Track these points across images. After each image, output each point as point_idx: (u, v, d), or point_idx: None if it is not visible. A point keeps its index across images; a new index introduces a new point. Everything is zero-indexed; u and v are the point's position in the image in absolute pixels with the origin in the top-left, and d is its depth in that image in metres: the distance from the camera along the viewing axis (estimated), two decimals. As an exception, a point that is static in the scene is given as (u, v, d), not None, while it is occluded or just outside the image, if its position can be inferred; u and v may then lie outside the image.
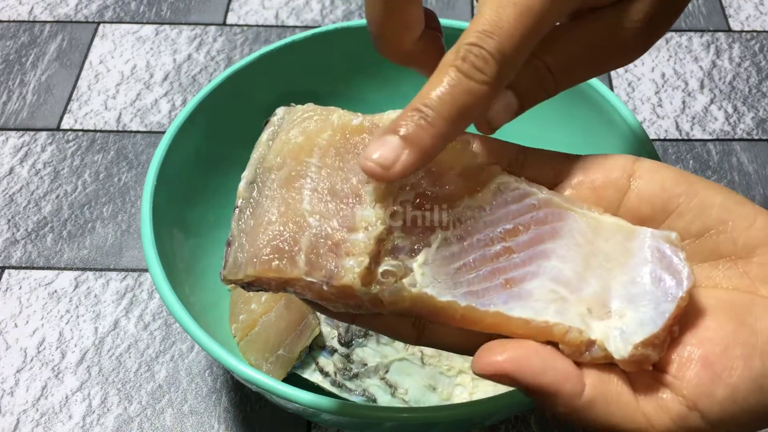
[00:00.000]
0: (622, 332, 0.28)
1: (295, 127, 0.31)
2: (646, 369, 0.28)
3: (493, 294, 0.30)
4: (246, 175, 0.31)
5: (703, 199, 0.29)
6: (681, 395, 0.27)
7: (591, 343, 0.29)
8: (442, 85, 0.28)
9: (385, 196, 0.30)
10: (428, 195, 0.31)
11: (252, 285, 0.30)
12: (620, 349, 0.28)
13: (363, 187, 0.30)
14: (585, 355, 0.29)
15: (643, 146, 0.49)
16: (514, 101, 0.32)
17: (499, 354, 0.28)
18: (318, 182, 0.30)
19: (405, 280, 0.29)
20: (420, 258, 0.30)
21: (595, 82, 0.51)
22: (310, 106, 0.32)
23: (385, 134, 0.28)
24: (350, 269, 0.29)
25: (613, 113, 0.50)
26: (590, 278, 0.30)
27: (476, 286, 0.30)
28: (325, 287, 0.29)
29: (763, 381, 0.26)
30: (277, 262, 0.29)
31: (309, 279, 0.29)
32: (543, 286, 0.30)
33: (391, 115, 0.30)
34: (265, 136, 0.32)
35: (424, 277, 0.29)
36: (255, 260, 0.29)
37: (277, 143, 0.31)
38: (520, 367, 0.27)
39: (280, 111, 0.33)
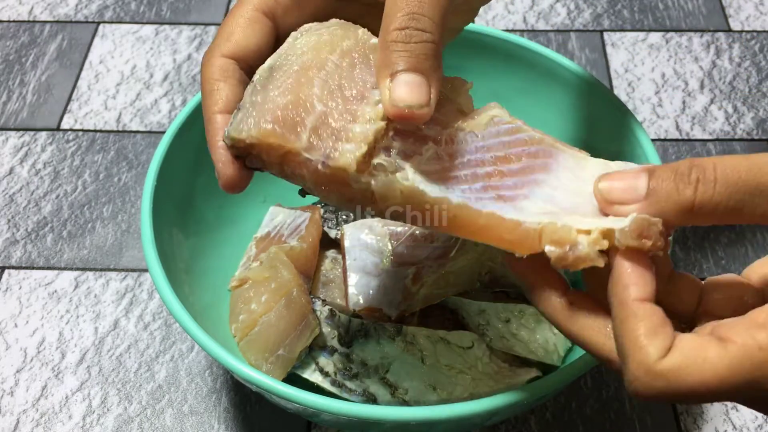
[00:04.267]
0: (616, 219, 0.29)
1: (324, 29, 0.34)
2: (650, 247, 0.28)
3: (486, 201, 0.31)
4: (268, 60, 0.33)
5: None
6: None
7: (576, 243, 0.29)
8: None
9: None
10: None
11: (251, 154, 0.32)
12: (622, 222, 0.29)
13: (370, 91, 0.32)
14: (569, 254, 0.29)
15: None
16: None
17: None
18: (332, 77, 0.32)
19: (398, 175, 0.31)
20: (413, 162, 0.31)
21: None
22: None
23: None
24: (348, 152, 0.30)
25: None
26: (582, 203, 0.31)
27: (469, 194, 0.31)
28: (320, 167, 0.31)
29: None
30: (281, 130, 0.31)
31: (307, 155, 0.31)
32: (535, 204, 0.31)
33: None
34: (291, 38, 0.34)
35: (416, 175, 0.31)
36: (261, 123, 0.31)
37: (303, 40, 0.34)
38: None
39: (307, 25, 0.34)
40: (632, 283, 0.28)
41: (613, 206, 0.30)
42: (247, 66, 0.35)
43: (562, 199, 0.32)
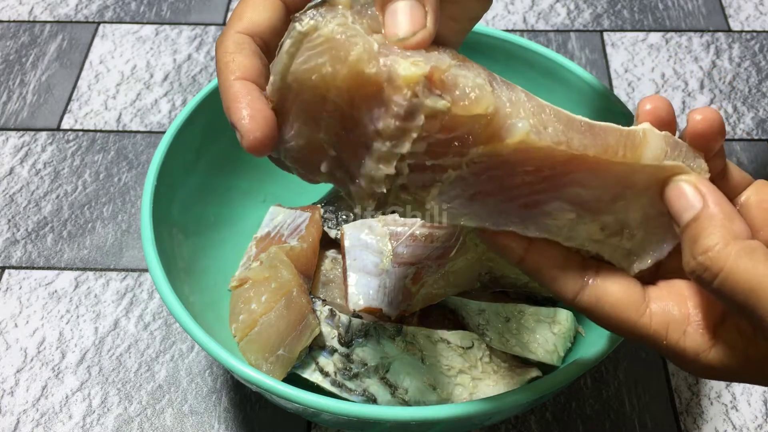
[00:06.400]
0: (629, 254, 0.32)
1: (311, 60, 0.30)
2: None
3: (510, 215, 0.31)
4: (273, 81, 0.31)
5: None
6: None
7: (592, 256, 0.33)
8: None
9: (393, 154, 0.29)
10: (440, 143, 0.30)
11: None
12: (625, 268, 0.32)
13: (371, 144, 0.29)
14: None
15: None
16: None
17: None
18: (332, 121, 0.30)
19: (428, 205, 0.31)
20: (434, 191, 0.30)
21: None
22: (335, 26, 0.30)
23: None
24: (362, 208, 0.31)
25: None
26: (614, 204, 0.32)
27: (492, 208, 0.31)
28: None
29: None
30: (303, 170, 0.32)
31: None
32: (561, 207, 0.31)
33: (409, 67, 0.29)
34: (286, 45, 0.30)
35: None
36: (289, 152, 0.31)
37: (296, 66, 0.30)
38: None
39: (306, 19, 0.30)
40: None
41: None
42: (261, 41, 0.34)
43: (590, 200, 0.32)
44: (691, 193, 0.31)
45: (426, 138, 0.29)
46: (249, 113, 0.30)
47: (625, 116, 0.49)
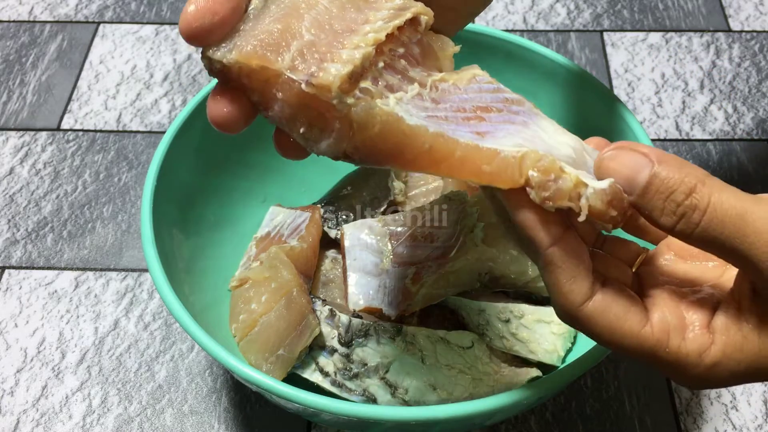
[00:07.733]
0: (594, 178, 0.30)
1: None
2: (611, 217, 0.29)
3: (463, 133, 0.31)
4: None
5: None
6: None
7: (560, 176, 0.29)
8: None
9: (383, 28, 0.31)
10: (414, 57, 0.33)
11: (230, 77, 0.31)
12: (598, 182, 0.29)
13: (360, 26, 0.31)
14: (552, 185, 0.29)
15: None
16: None
17: None
18: (322, 15, 0.32)
19: (379, 101, 0.30)
20: (397, 95, 0.31)
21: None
22: None
23: None
24: (333, 70, 0.30)
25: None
26: (557, 155, 0.31)
27: (447, 126, 0.31)
28: (303, 86, 0.29)
29: None
30: (263, 51, 0.30)
31: (290, 75, 0.30)
32: (512, 141, 0.31)
33: None
34: None
35: (398, 105, 0.30)
36: (243, 46, 0.30)
37: None
38: None
39: None
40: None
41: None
42: None
43: (540, 146, 0.31)
44: (633, 155, 0.29)
45: (406, 45, 0.32)
46: (200, 4, 0.30)
47: (625, 116, 0.49)
